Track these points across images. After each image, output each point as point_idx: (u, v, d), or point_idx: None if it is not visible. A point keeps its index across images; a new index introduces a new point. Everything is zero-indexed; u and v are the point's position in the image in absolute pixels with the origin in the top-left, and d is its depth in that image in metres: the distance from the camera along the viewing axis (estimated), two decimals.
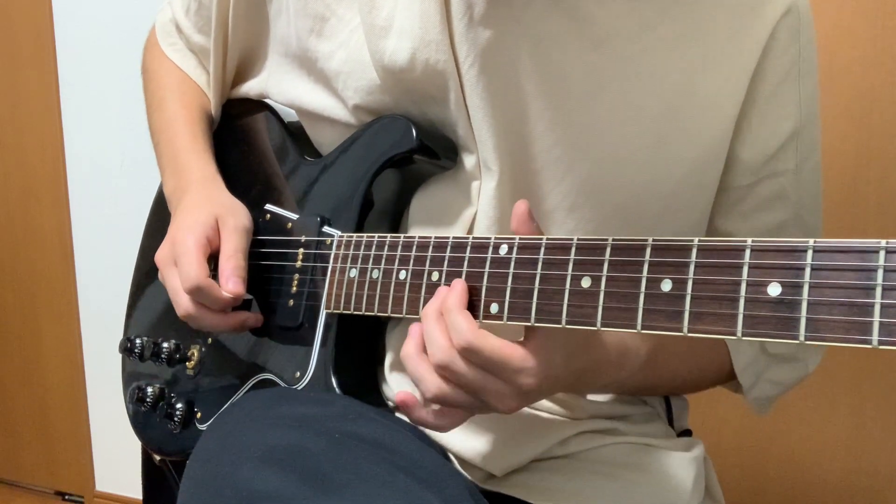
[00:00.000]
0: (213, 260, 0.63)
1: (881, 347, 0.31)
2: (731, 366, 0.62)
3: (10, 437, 1.67)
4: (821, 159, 0.63)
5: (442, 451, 0.58)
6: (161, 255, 0.63)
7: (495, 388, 0.48)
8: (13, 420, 1.66)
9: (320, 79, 0.64)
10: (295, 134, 0.71)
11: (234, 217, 0.64)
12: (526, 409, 0.60)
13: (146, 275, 0.79)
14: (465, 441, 0.58)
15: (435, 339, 0.48)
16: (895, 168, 0.94)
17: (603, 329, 0.43)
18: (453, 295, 0.49)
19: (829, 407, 1.02)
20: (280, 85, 0.68)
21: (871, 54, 0.93)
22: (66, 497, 1.65)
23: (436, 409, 0.51)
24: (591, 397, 0.61)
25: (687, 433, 0.69)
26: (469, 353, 0.47)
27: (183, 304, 0.61)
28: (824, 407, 1.02)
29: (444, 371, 0.48)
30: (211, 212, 0.64)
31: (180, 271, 0.60)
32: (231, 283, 0.60)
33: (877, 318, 0.32)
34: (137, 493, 1.52)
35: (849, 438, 1.02)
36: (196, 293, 0.59)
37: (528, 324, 0.47)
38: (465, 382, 0.48)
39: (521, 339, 0.48)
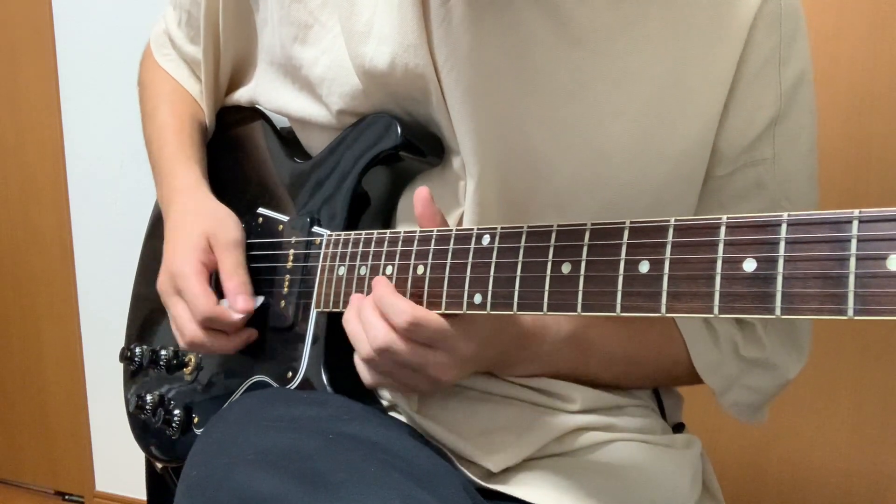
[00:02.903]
0: (212, 279, 0.64)
1: (857, 318, 0.31)
2: (692, 362, 0.62)
3: (10, 437, 1.68)
4: (814, 148, 0.62)
5: (438, 449, 0.57)
6: (162, 285, 0.65)
7: (437, 360, 0.50)
8: (13, 420, 1.67)
9: (305, 86, 0.64)
10: (286, 138, 0.72)
11: (225, 231, 0.65)
12: (519, 403, 0.60)
13: (144, 284, 0.80)
14: (461, 437, 0.58)
15: (373, 323, 0.50)
16: (895, 168, 0.94)
17: (582, 314, 0.43)
18: (380, 285, 0.52)
19: (828, 406, 1.01)
20: (268, 93, 0.69)
21: (870, 55, 0.93)
22: (66, 497, 1.66)
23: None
24: (583, 385, 0.61)
25: (680, 426, 0.68)
26: (413, 330, 0.49)
27: (190, 334, 0.61)
28: (824, 406, 1.02)
29: (384, 353, 0.50)
30: (201, 231, 0.64)
31: (189, 304, 0.61)
32: (240, 301, 0.61)
33: (851, 289, 0.32)
34: (137, 493, 1.52)
35: (848, 437, 1.01)
36: (209, 322, 0.60)
37: (511, 312, 0.47)
38: (403, 361, 0.50)
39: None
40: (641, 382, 0.66)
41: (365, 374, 0.54)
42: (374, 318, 0.51)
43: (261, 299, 0.64)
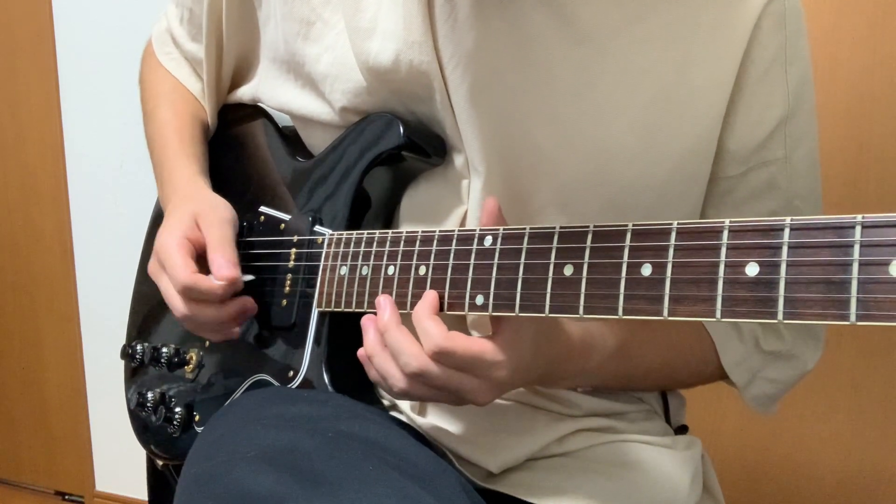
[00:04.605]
0: (202, 259, 0.63)
1: (859, 324, 0.31)
2: (719, 361, 0.62)
3: (10, 437, 1.68)
4: (817, 146, 0.63)
5: (438, 449, 0.58)
6: (151, 266, 0.64)
7: (471, 385, 0.49)
8: (13, 420, 1.67)
9: (308, 83, 0.64)
10: (289, 137, 0.72)
11: (214, 211, 0.64)
12: (522, 406, 0.60)
13: (145, 282, 0.79)
14: (461, 437, 0.58)
15: (404, 349, 0.49)
16: (895, 168, 0.94)
17: (584, 317, 0.43)
18: (422, 303, 0.50)
19: (827, 406, 1.01)
20: (271, 90, 0.69)
21: (870, 55, 0.93)
22: (66, 497, 1.66)
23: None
24: (587, 394, 0.61)
25: (683, 429, 0.69)
26: (442, 356, 0.47)
27: (177, 306, 0.60)
28: (823, 406, 1.02)
29: (419, 377, 0.49)
30: (189, 211, 0.64)
31: (169, 275, 0.60)
32: (224, 269, 0.59)
33: (854, 295, 0.32)
34: (137, 493, 1.52)
35: (847, 437, 1.01)
36: (187, 292, 0.59)
37: (513, 314, 0.47)
38: (439, 384, 0.49)
39: (490, 332, 0.49)
40: (671, 386, 0.66)
41: (389, 391, 0.52)
42: (405, 344, 0.49)
43: (249, 277, 0.63)
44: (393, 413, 0.61)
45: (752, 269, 0.36)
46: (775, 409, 0.67)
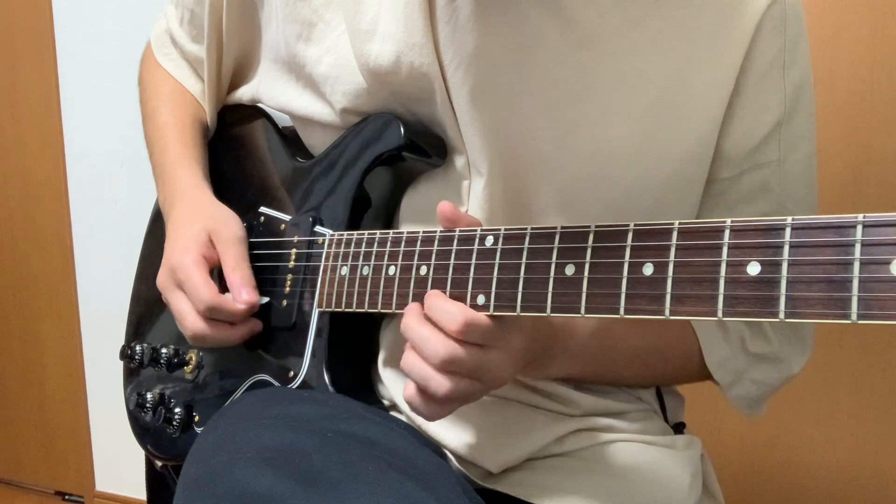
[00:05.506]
0: (213, 274, 0.63)
1: (860, 322, 0.31)
2: (703, 359, 0.62)
3: (10, 437, 1.68)
4: (814, 152, 0.63)
5: (437, 450, 0.58)
6: (162, 280, 0.64)
7: (494, 358, 0.49)
8: (13, 420, 1.67)
9: (308, 84, 0.64)
10: (288, 137, 0.72)
11: (227, 228, 0.64)
12: (520, 405, 0.60)
13: (145, 283, 0.80)
14: (461, 437, 0.58)
15: (429, 339, 0.48)
16: (895, 168, 0.94)
17: (586, 315, 0.43)
18: (435, 293, 0.50)
19: (828, 406, 1.02)
20: (271, 90, 0.69)
21: (870, 55, 0.93)
22: (66, 497, 1.66)
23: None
24: (586, 393, 0.61)
25: (681, 426, 0.69)
26: (468, 331, 0.47)
27: (193, 325, 0.61)
28: (824, 406, 1.02)
29: (449, 365, 0.48)
30: (202, 226, 0.64)
31: (189, 295, 0.61)
32: (244, 293, 0.61)
33: (855, 294, 0.32)
34: (137, 493, 1.52)
35: (848, 437, 1.01)
36: (212, 312, 0.60)
37: (514, 314, 0.47)
38: (468, 367, 0.48)
39: None
40: (658, 379, 0.66)
41: (427, 410, 0.50)
42: (429, 332, 0.48)
43: (265, 299, 0.64)
44: (393, 413, 0.61)
45: (753, 269, 0.36)
46: (762, 410, 0.67)
